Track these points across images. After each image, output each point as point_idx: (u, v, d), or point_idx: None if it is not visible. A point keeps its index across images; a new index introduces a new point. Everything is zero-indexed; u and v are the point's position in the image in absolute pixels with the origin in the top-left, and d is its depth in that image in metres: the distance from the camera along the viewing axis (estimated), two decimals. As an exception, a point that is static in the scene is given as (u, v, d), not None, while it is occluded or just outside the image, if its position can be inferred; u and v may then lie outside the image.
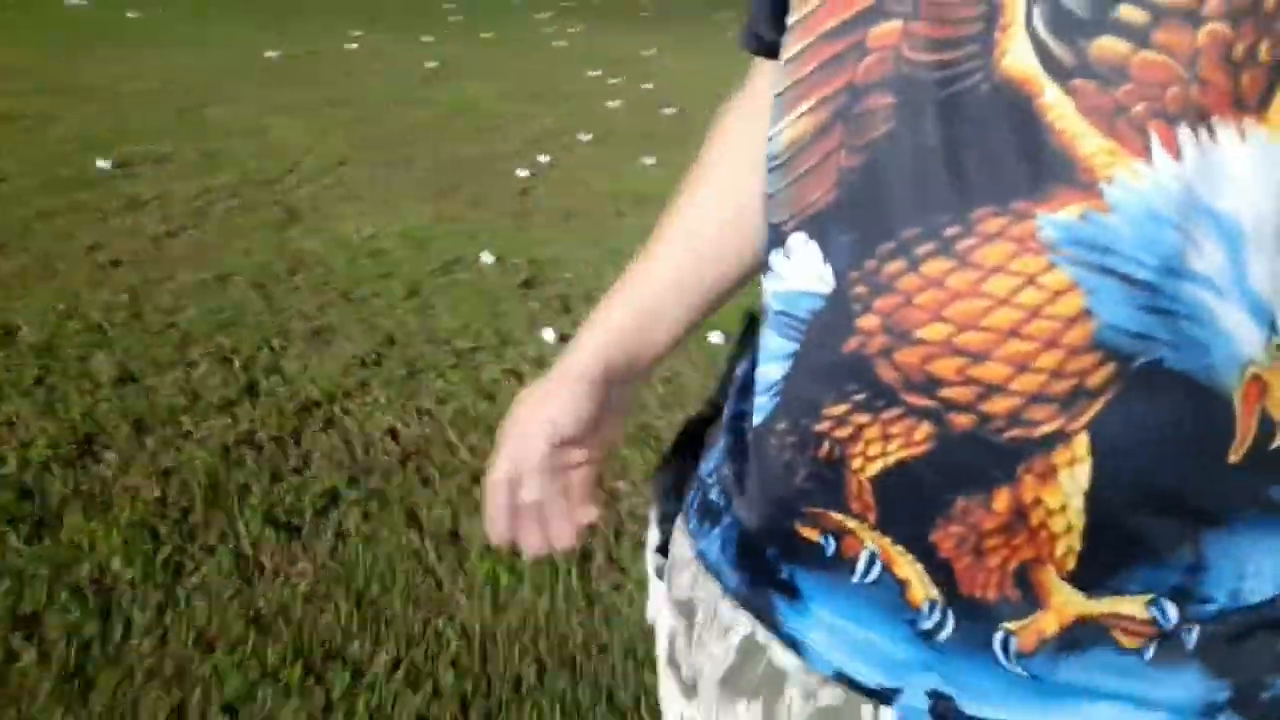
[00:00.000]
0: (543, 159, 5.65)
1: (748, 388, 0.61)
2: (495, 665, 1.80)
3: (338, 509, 2.18)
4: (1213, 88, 0.41)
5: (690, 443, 2.05)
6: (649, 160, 6.12)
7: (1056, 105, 0.43)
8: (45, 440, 2.22)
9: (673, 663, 0.69)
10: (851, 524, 0.53)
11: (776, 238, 0.54)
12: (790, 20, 0.54)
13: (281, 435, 2.42)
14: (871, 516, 0.52)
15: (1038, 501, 0.47)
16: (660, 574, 1.64)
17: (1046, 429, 0.45)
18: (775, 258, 0.54)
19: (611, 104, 6.92)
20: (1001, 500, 0.47)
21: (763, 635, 0.60)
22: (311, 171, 4.66)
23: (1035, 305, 0.44)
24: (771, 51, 0.59)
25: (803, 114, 0.51)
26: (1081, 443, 0.45)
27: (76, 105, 5.29)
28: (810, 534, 0.55)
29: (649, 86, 7.38)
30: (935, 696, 0.54)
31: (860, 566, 0.54)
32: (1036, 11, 0.43)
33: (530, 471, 0.70)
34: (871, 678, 0.55)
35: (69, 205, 3.76)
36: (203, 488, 2.16)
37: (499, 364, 3.02)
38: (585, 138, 6.44)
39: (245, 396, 2.57)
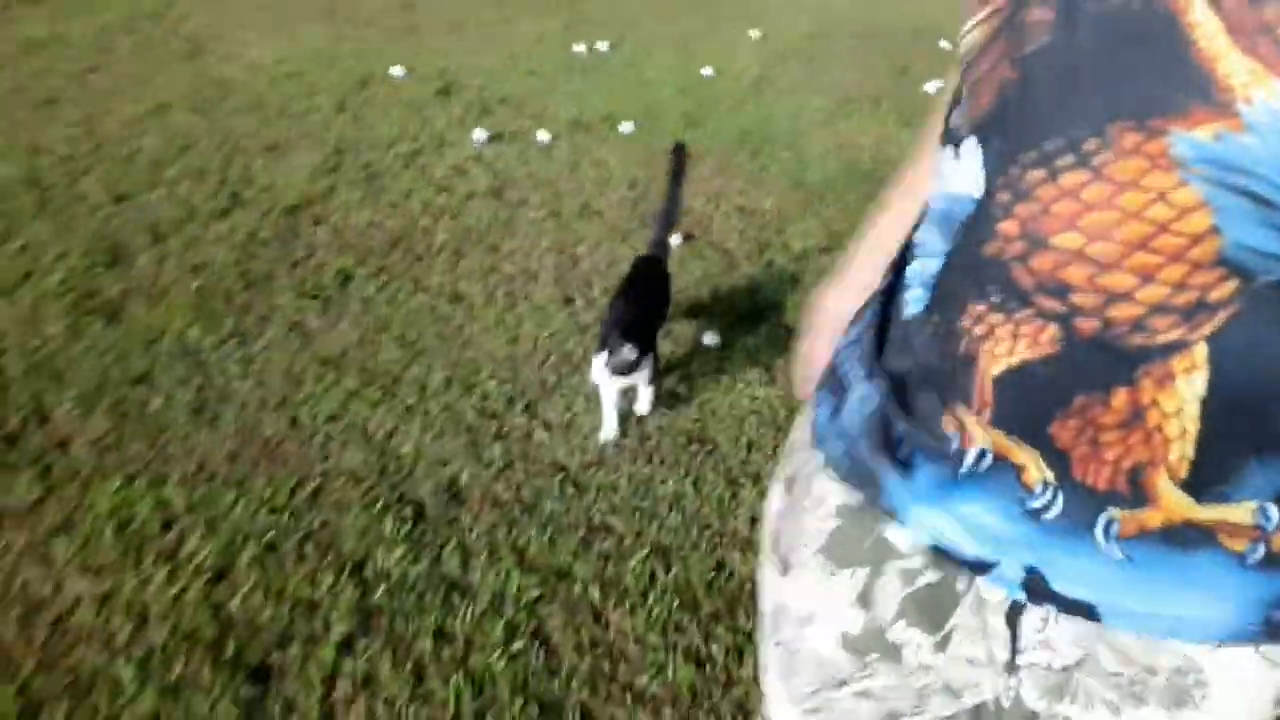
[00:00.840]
0: (416, -26, 5.71)
1: (900, 270, 0.64)
2: (524, 376, 2.31)
3: (354, 283, 2.58)
4: None
5: (639, 288, 2.37)
6: (519, -32, 6.23)
7: (1203, 23, 0.43)
8: (78, 251, 2.50)
9: (774, 542, 0.73)
10: (970, 420, 0.56)
11: (951, 139, 0.56)
12: None
13: (281, 233, 2.76)
14: (987, 414, 0.55)
15: (1154, 404, 0.49)
16: (615, 371, 2.00)
17: (1167, 337, 0.47)
18: (946, 159, 0.57)
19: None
20: (1120, 399, 0.50)
21: (857, 504, 0.64)
22: (192, 3, 4.65)
23: (1164, 220, 0.45)
24: None
25: (980, 21, 0.52)
26: (1200, 351, 0.47)
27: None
28: (949, 426, 0.58)
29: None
30: (1030, 571, 0.57)
31: (969, 459, 0.57)
32: None
33: (819, 357, 0.80)
34: (970, 549, 0.59)
35: (-34, 51, 3.75)
36: (235, 277, 2.51)
37: (443, 163, 3.37)
38: (450, -50, 6.45)
39: (235, 205, 2.87)
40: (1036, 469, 0.55)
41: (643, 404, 2.09)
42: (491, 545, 1.79)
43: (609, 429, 2.09)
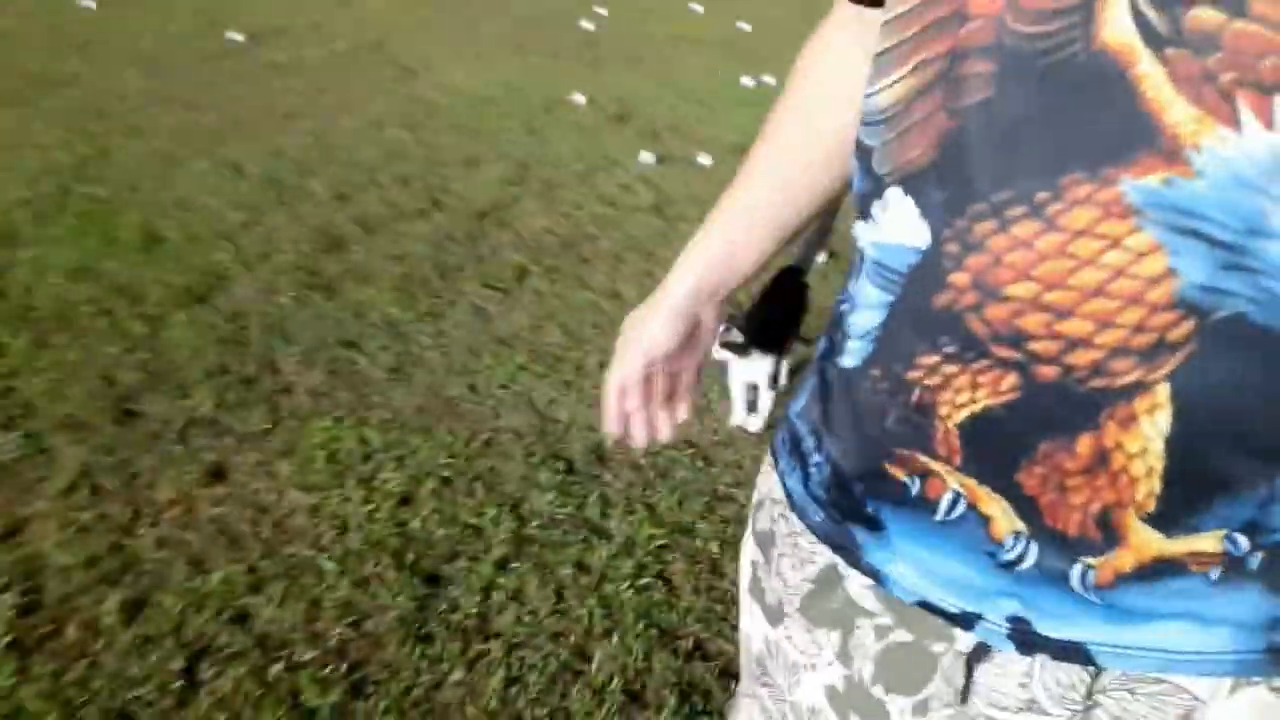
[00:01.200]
0: (601, 12, 6.17)
1: (836, 330, 0.63)
2: (668, 365, 2.57)
3: (529, 278, 2.93)
4: None
5: (774, 292, 2.55)
6: (698, 8, 6.61)
7: (1150, 74, 0.43)
8: (306, 239, 2.97)
9: (755, 591, 0.73)
10: (937, 467, 0.55)
11: (877, 189, 0.55)
12: None
13: (471, 233, 3.16)
14: (956, 460, 0.54)
15: (1119, 446, 0.49)
16: (747, 393, 2.19)
17: (1128, 379, 0.47)
18: (875, 207, 0.55)
19: (655, -43, 7.31)
20: (1085, 444, 0.49)
21: (842, 567, 0.64)
22: (407, 35, 5.24)
23: (1120, 266, 0.45)
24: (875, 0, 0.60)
25: (905, 75, 0.52)
26: (1162, 391, 0.47)
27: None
28: (898, 473, 0.57)
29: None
30: (1014, 620, 0.57)
31: (943, 506, 0.56)
32: None
33: (632, 383, 0.76)
34: (954, 604, 0.58)
35: (222, 72, 4.41)
36: (430, 266, 2.91)
37: (612, 180, 3.71)
38: (636, -10, 6.91)
39: (433, 208, 3.29)
40: (1005, 520, 0.54)
41: (757, 417, 2.29)
42: (628, 500, 2.06)
43: (737, 415, 2.33)
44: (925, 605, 0.59)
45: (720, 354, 2.22)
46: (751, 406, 2.33)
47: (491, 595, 1.79)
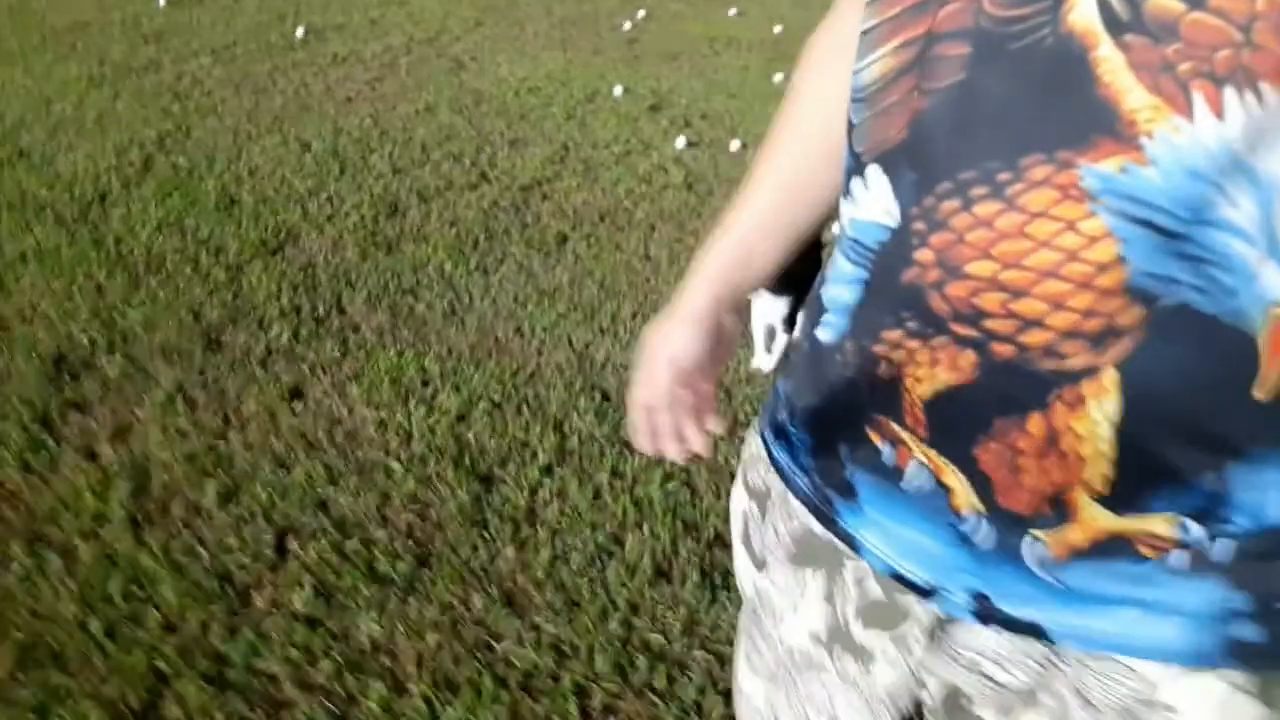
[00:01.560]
0: (641, 14, 6.45)
1: (814, 304, 0.64)
2: (697, 318, 2.82)
3: (569, 242, 3.19)
4: (1267, 54, 0.41)
5: (793, 279, 2.79)
6: (733, 11, 6.88)
7: (1108, 59, 0.44)
8: (367, 204, 3.26)
9: (746, 541, 0.76)
10: (905, 436, 0.57)
11: (858, 166, 0.56)
12: None
13: (517, 204, 3.43)
14: (921, 431, 0.56)
15: (1068, 428, 0.50)
16: (765, 334, 2.44)
17: (1077, 362, 0.49)
18: (856, 184, 0.56)
19: (692, -37, 7.58)
20: (1035, 424, 0.51)
21: (820, 529, 0.67)
22: (458, 31, 5.55)
23: (1073, 249, 0.47)
24: None
25: (886, 53, 0.53)
26: (1110, 376, 0.48)
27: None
28: (875, 438, 0.59)
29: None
30: (975, 595, 0.59)
31: (910, 475, 0.58)
32: None
33: (660, 401, 0.73)
34: (919, 575, 0.60)
35: (290, 62, 4.74)
36: (480, 230, 3.18)
37: (648, 161, 3.97)
38: (673, -6, 7.19)
39: (482, 181, 3.57)
40: (964, 494, 0.56)
41: (770, 357, 2.52)
42: (658, 424, 2.29)
43: (758, 355, 2.56)
44: (893, 574, 0.62)
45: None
46: (769, 348, 2.56)
47: (538, 493, 2.04)
